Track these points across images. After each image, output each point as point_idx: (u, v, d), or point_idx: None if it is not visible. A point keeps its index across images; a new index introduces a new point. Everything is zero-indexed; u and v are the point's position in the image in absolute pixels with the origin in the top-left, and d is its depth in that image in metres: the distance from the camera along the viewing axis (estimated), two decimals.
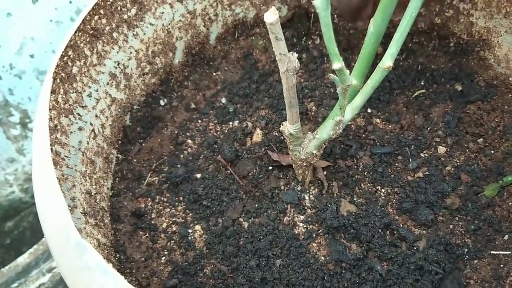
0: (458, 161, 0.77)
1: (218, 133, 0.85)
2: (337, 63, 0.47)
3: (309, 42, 0.97)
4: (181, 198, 0.77)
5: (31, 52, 1.07)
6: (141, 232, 0.74)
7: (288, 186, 0.76)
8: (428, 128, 0.81)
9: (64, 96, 0.64)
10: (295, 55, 0.54)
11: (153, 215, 0.76)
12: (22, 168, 1.22)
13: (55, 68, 0.61)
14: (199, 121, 0.87)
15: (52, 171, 0.46)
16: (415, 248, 0.68)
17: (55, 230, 0.44)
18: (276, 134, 0.83)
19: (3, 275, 1.10)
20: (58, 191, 0.45)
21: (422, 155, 0.78)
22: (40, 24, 1.06)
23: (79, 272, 0.42)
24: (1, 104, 1.09)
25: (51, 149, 0.59)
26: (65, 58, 0.64)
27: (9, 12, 1.00)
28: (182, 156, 0.82)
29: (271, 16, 0.49)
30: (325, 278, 0.66)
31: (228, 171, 0.79)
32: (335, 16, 0.98)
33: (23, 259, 1.10)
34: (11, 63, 1.06)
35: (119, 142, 0.80)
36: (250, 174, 0.78)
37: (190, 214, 0.75)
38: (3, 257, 1.24)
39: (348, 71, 0.51)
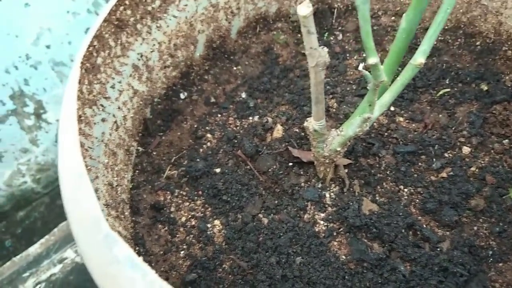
0: (482, 162, 0.76)
1: (238, 128, 0.84)
2: (373, 58, 0.46)
3: (331, 38, 0.96)
4: (200, 192, 0.76)
5: (47, 43, 1.07)
6: (160, 225, 0.73)
7: (309, 183, 0.75)
8: (453, 128, 0.79)
9: (88, 87, 0.64)
10: (326, 49, 0.53)
11: (172, 209, 0.75)
12: (35, 159, 1.22)
13: (82, 58, 0.60)
14: (219, 115, 0.86)
15: (81, 162, 0.46)
16: (438, 249, 0.66)
17: (83, 222, 0.44)
18: (297, 130, 0.82)
19: (15, 264, 1.10)
20: (87, 181, 0.44)
21: (446, 155, 0.77)
22: (57, 15, 1.06)
23: (108, 266, 0.42)
24: (16, 94, 1.09)
25: None
26: (91, 49, 0.63)
27: (27, 3, 1.00)
28: (201, 150, 0.82)
29: (305, 9, 0.47)
30: (346, 277, 0.65)
31: (248, 167, 0.78)
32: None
33: (34, 249, 1.10)
34: (27, 53, 1.06)
35: (140, 134, 0.80)
36: (270, 170, 0.77)
37: (210, 209, 0.74)
38: (15, 246, 1.24)
39: (382, 67, 0.50)
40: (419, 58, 0.55)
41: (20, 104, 1.12)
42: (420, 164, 0.76)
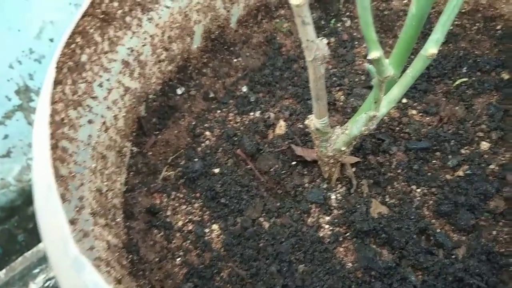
0: (503, 158, 0.70)
1: (238, 124, 0.79)
2: (375, 52, 0.40)
3: (339, 25, 0.90)
4: (198, 194, 0.72)
5: (51, 36, 1.05)
6: (155, 231, 0.70)
7: (313, 183, 0.70)
8: (470, 121, 0.73)
9: (72, 87, 0.59)
10: (325, 41, 0.48)
11: (169, 212, 0.71)
12: None
13: (61, 57, 0.56)
14: (218, 111, 0.82)
15: (51, 174, 0.42)
16: (453, 256, 0.61)
17: (52, 241, 0.40)
18: (301, 126, 0.76)
19: (26, 260, 1.09)
20: (56, 196, 0.40)
21: (463, 151, 0.71)
22: (59, 7, 1.03)
23: None
24: (21, 89, 1.07)
25: (57, 145, 0.54)
26: (73, 46, 0.59)
27: None
28: (199, 149, 0.77)
29: None
30: (353, 287, 0.61)
31: (248, 166, 0.73)
32: None
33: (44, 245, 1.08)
34: (30, 47, 1.04)
35: (134, 134, 0.75)
36: (271, 169, 0.73)
37: (207, 212, 0.70)
38: (27, 241, 1.24)
39: (387, 61, 0.44)
40: (431, 48, 0.49)
41: (26, 99, 1.10)
42: (434, 161, 0.70)
